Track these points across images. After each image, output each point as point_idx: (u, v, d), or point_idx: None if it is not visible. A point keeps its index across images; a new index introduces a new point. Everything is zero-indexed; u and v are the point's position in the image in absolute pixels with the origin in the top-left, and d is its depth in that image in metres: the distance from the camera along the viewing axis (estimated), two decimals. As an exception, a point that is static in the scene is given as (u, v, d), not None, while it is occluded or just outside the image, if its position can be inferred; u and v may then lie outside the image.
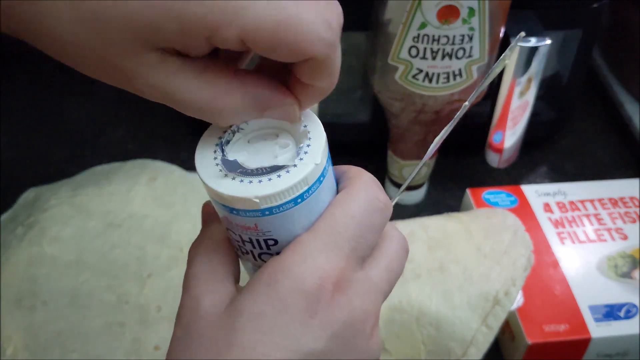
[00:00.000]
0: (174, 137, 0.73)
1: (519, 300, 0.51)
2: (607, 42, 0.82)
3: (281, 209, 0.26)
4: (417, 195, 0.67)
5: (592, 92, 0.81)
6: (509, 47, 0.33)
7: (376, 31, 0.55)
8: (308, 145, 0.27)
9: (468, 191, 0.63)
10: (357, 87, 0.68)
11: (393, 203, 0.31)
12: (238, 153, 0.28)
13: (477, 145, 0.66)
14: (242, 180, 0.26)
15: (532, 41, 0.57)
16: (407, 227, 0.54)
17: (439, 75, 0.54)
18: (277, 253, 0.28)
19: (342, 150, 0.73)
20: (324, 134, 0.28)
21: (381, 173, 0.68)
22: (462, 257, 0.51)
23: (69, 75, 0.83)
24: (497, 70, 0.33)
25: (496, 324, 0.48)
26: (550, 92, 0.69)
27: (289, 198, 0.26)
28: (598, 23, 0.65)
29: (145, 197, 0.60)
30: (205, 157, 0.28)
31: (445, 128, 0.33)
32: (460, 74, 0.55)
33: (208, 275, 0.28)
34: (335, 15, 0.26)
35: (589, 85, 0.81)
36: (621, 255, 0.57)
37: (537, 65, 0.59)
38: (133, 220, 0.58)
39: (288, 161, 0.27)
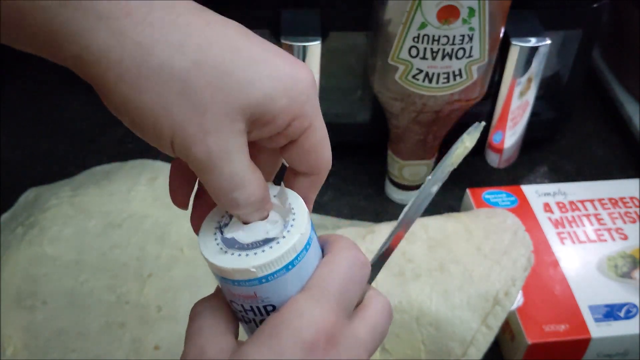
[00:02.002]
0: (174, 137, 0.73)
1: (519, 300, 0.51)
2: (607, 42, 0.82)
3: (276, 275, 0.30)
4: (417, 195, 0.67)
5: (592, 92, 0.81)
6: (466, 132, 0.36)
7: (376, 31, 0.55)
8: (293, 219, 0.32)
9: (468, 191, 0.63)
10: (357, 87, 0.68)
11: (371, 261, 0.34)
12: (235, 233, 0.32)
13: (477, 145, 0.66)
14: (239, 255, 0.30)
15: (532, 41, 0.58)
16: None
17: (439, 75, 0.54)
18: None
19: (342, 150, 0.73)
20: (306, 208, 0.32)
21: (381, 173, 0.68)
22: (462, 257, 0.51)
23: (69, 75, 0.83)
24: (452, 160, 0.36)
25: (496, 324, 0.48)
26: (550, 92, 0.69)
27: (281, 265, 0.30)
28: (598, 23, 0.65)
29: (145, 197, 0.60)
30: (207, 239, 0.32)
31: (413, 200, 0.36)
32: (460, 74, 0.55)
33: (211, 329, 0.31)
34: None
35: (589, 85, 0.81)
36: (621, 255, 0.57)
37: (537, 65, 0.59)
38: (133, 220, 0.58)
39: (277, 234, 0.31)
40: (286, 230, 0.31)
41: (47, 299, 0.53)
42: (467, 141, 0.36)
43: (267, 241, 0.31)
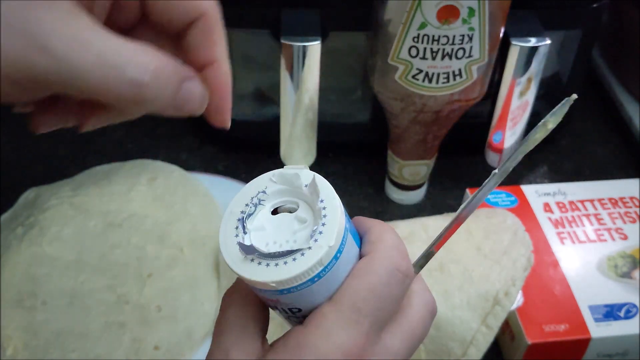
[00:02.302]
0: (174, 137, 0.73)
1: (519, 300, 0.51)
2: (607, 42, 0.82)
3: (299, 288, 0.28)
4: (417, 195, 0.67)
5: (592, 92, 0.81)
6: (551, 112, 0.30)
7: (376, 31, 0.55)
8: (323, 224, 0.28)
9: (468, 191, 0.63)
10: (357, 87, 0.68)
11: (416, 269, 0.31)
12: (259, 229, 0.29)
13: (477, 145, 0.66)
14: (259, 263, 0.27)
15: (532, 41, 0.58)
16: (407, 227, 0.54)
17: (439, 75, 0.54)
18: (304, 317, 0.29)
19: (342, 150, 0.74)
20: (340, 210, 0.28)
21: (381, 173, 0.68)
22: (462, 257, 0.51)
23: (69, 75, 0.83)
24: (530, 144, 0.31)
25: (496, 324, 0.48)
26: (550, 92, 0.69)
27: (304, 280, 0.27)
28: (598, 23, 0.65)
29: (145, 197, 0.60)
30: (228, 236, 0.29)
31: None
32: (460, 74, 0.55)
33: (239, 329, 0.29)
34: None
35: (589, 85, 0.81)
36: (621, 255, 0.57)
37: (537, 65, 0.59)
38: (133, 220, 0.58)
39: (303, 243, 0.28)
40: (313, 239, 0.27)
41: (47, 299, 0.53)
42: (550, 123, 0.30)
43: (290, 252, 0.28)
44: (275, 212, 0.30)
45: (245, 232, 0.29)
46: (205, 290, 0.56)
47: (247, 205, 0.30)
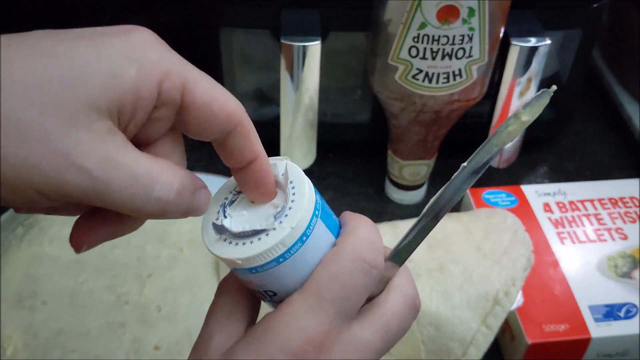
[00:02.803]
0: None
1: (519, 300, 0.51)
2: (607, 42, 0.82)
3: (264, 267, 0.29)
4: (417, 195, 0.67)
5: (592, 92, 0.81)
6: (526, 103, 0.29)
7: (376, 31, 0.55)
8: (289, 208, 0.29)
9: (468, 191, 0.63)
10: (357, 87, 0.68)
11: (394, 259, 0.32)
12: (238, 214, 0.31)
13: (477, 145, 0.66)
14: (230, 242, 0.30)
15: (532, 41, 0.58)
16: (407, 227, 0.54)
17: (439, 75, 0.54)
18: (280, 301, 0.30)
19: (342, 150, 0.74)
20: (308, 196, 0.30)
21: (381, 173, 0.68)
22: (462, 257, 0.51)
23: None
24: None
25: (496, 324, 0.48)
26: (550, 92, 0.69)
27: (268, 259, 0.29)
28: (598, 23, 0.65)
29: (145, 197, 0.60)
30: (209, 219, 0.31)
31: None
32: (460, 74, 0.55)
33: (225, 314, 0.31)
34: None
35: (589, 85, 0.81)
36: (621, 255, 0.57)
37: (537, 65, 0.59)
38: (133, 220, 0.58)
39: (268, 225, 0.29)
40: (278, 221, 0.29)
41: (47, 299, 0.53)
42: (523, 115, 0.28)
43: (256, 232, 0.29)
44: None
45: (225, 217, 0.31)
46: (205, 290, 0.56)
47: (230, 192, 0.32)
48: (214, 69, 0.63)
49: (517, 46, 0.57)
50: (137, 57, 0.26)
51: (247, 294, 0.32)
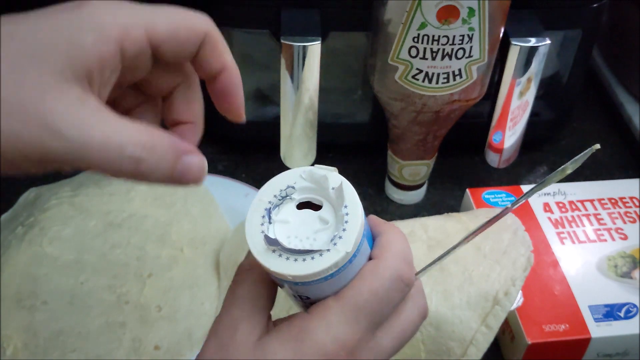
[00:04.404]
0: (174, 137, 0.73)
1: (518, 300, 0.51)
2: (607, 42, 0.82)
3: (312, 283, 0.30)
4: (417, 195, 0.67)
5: (592, 92, 0.81)
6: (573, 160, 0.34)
7: (376, 31, 0.55)
8: (344, 230, 0.30)
9: (468, 191, 0.63)
10: (357, 87, 0.68)
11: (419, 275, 0.35)
12: (284, 221, 0.31)
13: (477, 145, 0.66)
14: (280, 255, 0.30)
15: (532, 41, 0.58)
16: (407, 227, 0.54)
17: (438, 75, 0.54)
18: (311, 303, 0.32)
19: (342, 150, 0.74)
20: (361, 220, 0.30)
21: (381, 173, 0.68)
22: (462, 257, 0.51)
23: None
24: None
25: (496, 324, 0.48)
26: (550, 92, 0.69)
27: (319, 277, 0.30)
28: (598, 23, 0.65)
29: (145, 197, 0.60)
30: (254, 224, 0.31)
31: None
32: (460, 74, 0.55)
33: (251, 302, 0.32)
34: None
35: (589, 85, 0.81)
36: (621, 255, 0.57)
37: (537, 65, 0.59)
38: (133, 220, 0.58)
39: (323, 245, 0.30)
40: (332, 242, 0.30)
41: (47, 299, 0.53)
42: (568, 169, 0.34)
43: (310, 251, 0.30)
44: (299, 206, 0.32)
45: (270, 222, 0.31)
46: (205, 290, 0.56)
47: (275, 196, 0.32)
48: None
49: (517, 46, 0.57)
50: (91, 25, 0.28)
51: (268, 286, 0.33)
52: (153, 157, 0.28)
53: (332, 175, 0.32)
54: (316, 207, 0.32)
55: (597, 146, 0.33)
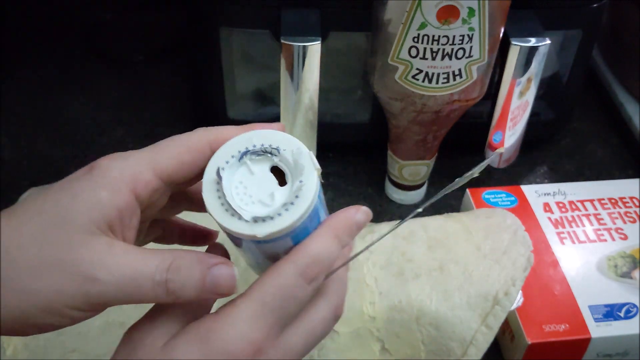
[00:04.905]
0: (174, 137, 0.73)
1: (518, 300, 0.51)
2: (607, 42, 0.82)
3: (255, 242, 0.31)
4: (417, 195, 0.67)
5: (592, 92, 0.81)
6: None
7: (376, 31, 0.55)
8: (291, 203, 0.31)
9: (468, 191, 0.63)
10: (357, 87, 0.68)
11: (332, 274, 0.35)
12: (238, 183, 0.32)
13: (477, 145, 0.66)
14: (239, 219, 0.31)
15: (532, 41, 0.58)
16: (407, 227, 0.54)
17: (438, 75, 0.54)
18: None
19: (342, 150, 0.74)
20: (314, 197, 0.32)
21: (381, 173, 0.68)
22: (462, 257, 0.51)
23: (69, 75, 0.83)
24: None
25: (496, 324, 0.48)
26: (550, 92, 0.69)
27: (263, 239, 0.31)
28: (598, 23, 0.65)
29: (145, 197, 0.60)
30: (210, 176, 0.32)
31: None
32: (460, 74, 0.55)
33: (159, 312, 0.34)
34: None
35: (589, 85, 0.81)
36: (621, 255, 0.57)
37: (537, 65, 0.59)
38: (133, 220, 0.58)
39: (275, 209, 0.31)
40: (284, 208, 0.31)
41: (47, 299, 0.53)
42: (476, 173, 0.37)
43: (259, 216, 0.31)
44: (256, 169, 0.33)
45: (222, 182, 0.32)
46: (205, 290, 0.55)
47: (232, 157, 0.33)
48: (214, 69, 0.63)
49: (517, 46, 0.57)
50: (103, 183, 0.32)
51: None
52: (179, 276, 0.31)
53: (292, 141, 0.33)
54: (277, 171, 0.33)
55: (501, 150, 0.37)
